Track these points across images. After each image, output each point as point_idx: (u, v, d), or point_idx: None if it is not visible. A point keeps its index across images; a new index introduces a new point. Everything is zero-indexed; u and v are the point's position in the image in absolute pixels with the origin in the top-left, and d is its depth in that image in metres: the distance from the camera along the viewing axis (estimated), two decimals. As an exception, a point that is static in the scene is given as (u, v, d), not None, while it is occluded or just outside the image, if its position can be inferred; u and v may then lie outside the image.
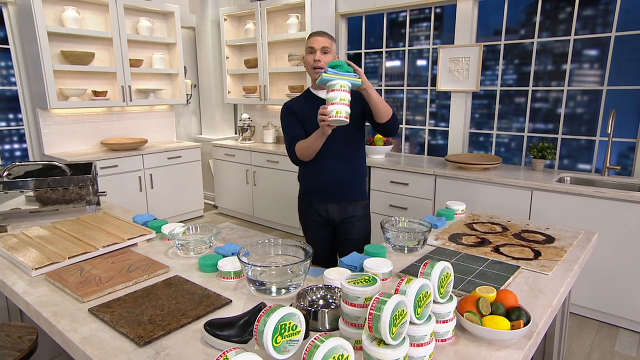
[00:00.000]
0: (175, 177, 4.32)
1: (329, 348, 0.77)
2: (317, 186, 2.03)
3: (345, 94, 1.65)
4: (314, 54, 1.92)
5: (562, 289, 1.28)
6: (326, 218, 2.06)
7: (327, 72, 1.66)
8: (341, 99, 1.65)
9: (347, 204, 2.04)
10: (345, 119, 1.66)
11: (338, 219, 2.05)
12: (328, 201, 2.03)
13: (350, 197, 2.04)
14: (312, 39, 1.94)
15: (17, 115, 3.86)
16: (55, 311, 1.17)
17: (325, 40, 1.93)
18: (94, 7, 3.95)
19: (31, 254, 1.48)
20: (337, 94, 1.65)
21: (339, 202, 2.03)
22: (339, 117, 1.65)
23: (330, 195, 2.02)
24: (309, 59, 1.94)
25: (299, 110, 2.00)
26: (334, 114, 1.65)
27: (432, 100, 3.83)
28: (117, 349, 1.00)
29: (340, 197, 2.03)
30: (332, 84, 1.66)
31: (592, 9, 2.99)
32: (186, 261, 1.51)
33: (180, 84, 4.56)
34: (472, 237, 1.71)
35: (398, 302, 0.84)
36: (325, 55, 1.93)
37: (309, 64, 1.95)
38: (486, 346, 1.00)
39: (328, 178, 1.99)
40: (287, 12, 4.26)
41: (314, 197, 2.06)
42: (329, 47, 1.93)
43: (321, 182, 2.01)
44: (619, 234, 2.49)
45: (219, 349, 1.00)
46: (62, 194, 1.96)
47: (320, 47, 1.92)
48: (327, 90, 1.68)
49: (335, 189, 2.01)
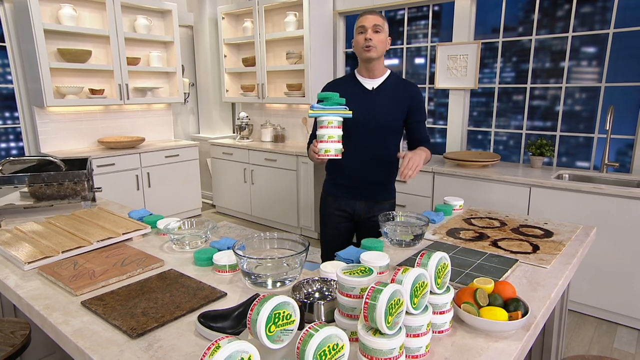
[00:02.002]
0: (172, 176, 4.31)
1: (324, 337, 0.75)
2: (347, 182, 1.95)
3: (334, 131, 1.60)
4: (364, 34, 1.77)
5: (561, 282, 1.27)
6: (351, 214, 2.00)
7: (314, 108, 1.60)
8: (329, 137, 1.60)
9: (375, 202, 1.97)
10: (335, 156, 1.62)
11: (364, 216, 1.99)
12: (356, 198, 1.96)
13: (379, 197, 1.97)
14: (363, 17, 1.80)
15: (14, 114, 3.84)
16: (47, 304, 1.15)
17: (376, 18, 1.78)
18: (90, 4, 3.94)
19: (25, 249, 1.47)
20: (325, 132, 1.60)
21: (368, 200, 1.96)
22: (327, 155, 1.61)
23: (359, 193, 1.95)
24: (359, 39, 1.80)
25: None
26: (322, 152, 1.62)
27: (431, 98, 3.82)
28: (110, 341, 0.98)
29: (369, 195, 1.95)
30: (320, 120, 1.61)
31: (590, 6, 2.98)
32: (181, 255, 1.49)
33: (178, 82, 4.54)
34: (470, 232, 1.70)
35: (394, 290, 0.83)
36: (378, 35, 1.78)
37: (358, 44, 1.81)
38: (484, 337, 0.98)
39: (360, 176, 1.92)
40: (284, 10, 4.25)
41: (341, 192, 1.98)
42: (381, 25, 1.78)
43: (352, 179, 1.93)
44: (618, 230, 2.48)
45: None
46: (57, 190, 1.95)
47: (372, 26, 1.76)
48: (317, 126, 1.64)
49: (365, 188, 1.94)
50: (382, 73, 1.90)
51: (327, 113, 1.60)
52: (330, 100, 1.63)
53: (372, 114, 1.84)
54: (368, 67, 1.87)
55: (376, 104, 1.86)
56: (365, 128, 1.85)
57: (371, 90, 1.88)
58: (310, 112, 1.62)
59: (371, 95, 1.87)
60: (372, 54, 1.80)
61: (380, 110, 1.85)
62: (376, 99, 1.87)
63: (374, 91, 1.88)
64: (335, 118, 1.61)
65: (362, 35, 1.79)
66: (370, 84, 1.89)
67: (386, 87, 1.88)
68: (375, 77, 1.89)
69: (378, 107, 1.86)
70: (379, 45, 1.80)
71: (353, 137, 1.83)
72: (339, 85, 1.93)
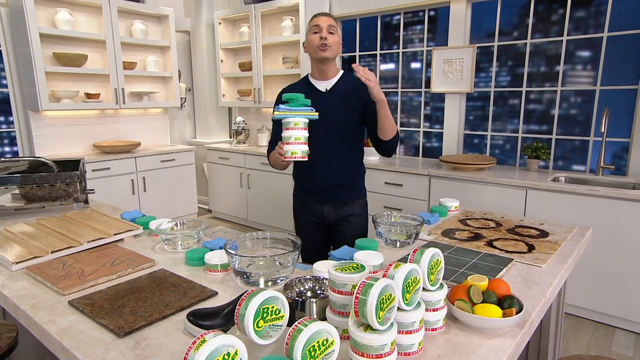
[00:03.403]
0: (168, 181, 4.28)
1: (313, 332, 0.74)
2: (312, 187, 1.93)
3: (300, 132, 1.57)
4: (319, 33, 1.77)
5: (556, 281, 1.25)
6: (321, 218, 1.96)
7: (280, 109, 1.57)
8: (296, 139, 1.57)
9: (344, 204, 1.93)
10: (302, 159, 1.59)
11: (334, 219, 1.95)
12: (323, 202, 1.93)
13: (347, 198, 1.93)
14: (317, 18, 1.79)
15: (8, 118, 3.82)
16: (33, 304, 1.13)
17: (330, 20, 1.79)
18: (87, 9, 3.94)
19: (13, 249, 1.44)
20: (292, 133, 1.57)
21: (335, 203, 1.93)
22: (294, 157, 1.58)
23: (325, 196, 1.92)
24: (313, 39, 1.78)
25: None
26: (289, 154, 1.58)
27: (427, 102, 3.82)
28: (96, 339, 0.96)
29: (335, 198, 1.92)
30: (285, 122, 1.57)
31: (584, 10, 3.00)
32: (173, 255, 1.47)
33: (174, 87, 4.54)
34: (465, 232, 1.68)
35: (385, 285, 0.81)
36: (332, 36, 1.77)
37: (313, 44, 1.78)
38: (478, 335, 0.97)
39: (323, 179, 1.88)
40: (281, 15, 4.27)
41: (309, 197, 1.96)
42: (335, 27, 1.79)
43: (316, 183, 1.90)
44: (614, 232, 2.47)
45: (202, 339, 0.96)
46: (49, 191, 1.92)
47: (327, 26, 1.77)
48: (282, 128, 1.60)
49: (330, 190, 1.91)
50: (334, 74, 1.88)
51: (293, 115, 1.56)
52: (295, 101, 1.59)
53: (328, 116, 1.79)
54: (321, 68, 1.84)
55: (330, 105, 1.82)
56: (323, 130, 1.80)
57: (325, 92, 1.85)
58: (276, 114, 1.57)
59: (325, 97, 1.84)
60: (328, 54, 1.77)
61: (336, 111, 1.82)
62: (330, 100, 1.83)
63: (327, 92, 1.85)
64: (302, 119, 1.58)
65: (317, 35, 1.77)
66: (324, 86, 1.86)
67: (339, 87, 1.86)
68: (328, 79, 1.87)
69: (333, 107, 1.82)
70: (334, 46, 1.78)
71: (312, 140, 1.69)
72: (293, 87, 1.92)
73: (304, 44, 1.88)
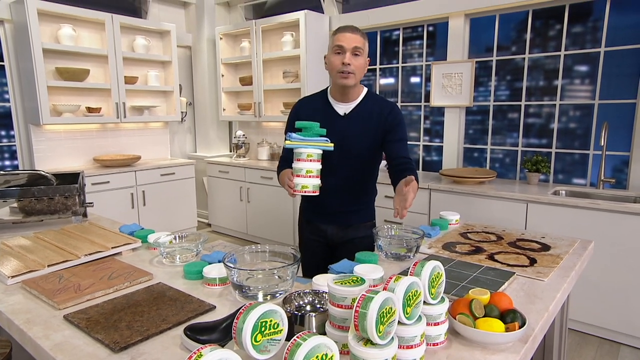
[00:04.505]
0: (168, 194, 4.28)
1: (312, 346, 0.72)
2: (318, 208, 1.82)
3: (312, 165, 1.47)
4: (342, 55, 1.55)
5: (559, 295, 1.24)
6: (325, 238, 1.85)
7: (292, 139, 1.46)
8: (307, 171, 1.46)
9: (348, 227, 1.82)
10: (312, 193, 1.49)
11: (338, 240, 1.84)
12: (328, 223, 1.82)
13: (354, 221, 1.82)
14: (341, 35, 1.55)
15: (10, 132, 3.83)
16: (28, 318, 1.11)
17: (357, 38, 1.54)
18: (90, 25, 3.99)
19: (10, 263, 1.43)
20: (304, 165, 1.46)
21: (341, 225, 1.81)
22: (304, 192, 1.47)
23: (331, 218, 1.81)
24: (335, 61, 1.56)
25: (307, 116, 1.67)
26: (299, 188, 1.48)
27: (426, 116, 3.84)
28: (90, 355, 0.94)
29: (342, 221, 1.81)
30: (297, 152, 1.47)
31: (580, 26, 3.03)
32: (171, 269, 1.46)
33: (175, 101, 4.57)
34: (466, 246, 1.67)
35: (385, 298, 0.80)
36: (357, 58, 1.56)
37: (334, 67, 1.57)
38: (480, 350, 0.95)
39: (332, 203, 1.76)
40: (281, 30, 4.32)
41: (314, 216, 1.85)
42: (361, 48, 1.56)
43: (323, 205, 1.78)
44: (616, 246, 2.45)
45: (199, 355, 0.94)
46: (47, 204, 1.92)
47: (352, 47, 1.54)
48: (294, 158, 1.49)
49: (336, 215, 1.80)
50: (356, 96, 1.70)
51: (306, 145, 1.46)
52: (310, 130, 1.48)
53: (342, 142, 1.65)
54: (342, 91, 1.68)
55: (347, 131, 1.68)
56: (336, 159, 1.66)
57: (343, 116, 1.70)
58: (287, 144, 1.47)
59: (343, 122, 1.69)
60: (350, 82, 1.60)
61: (352, 138, 1.68)
62: (347, 126, 1.68)
63: (346, 117, 1.70)
64: (315, 151, 1.47)
65: (339, 57, 1.57)
66: (343, 109, 1.70)
67: (359, 112, 1.70)
68: (348, 101, 1.70)
69: (349, 133, 1.68)
70: (358, 71, 1.59)
71: (324, 168, 1.59)
72: (311, 102, 1.78)
73: (325, 59, 1.69)
